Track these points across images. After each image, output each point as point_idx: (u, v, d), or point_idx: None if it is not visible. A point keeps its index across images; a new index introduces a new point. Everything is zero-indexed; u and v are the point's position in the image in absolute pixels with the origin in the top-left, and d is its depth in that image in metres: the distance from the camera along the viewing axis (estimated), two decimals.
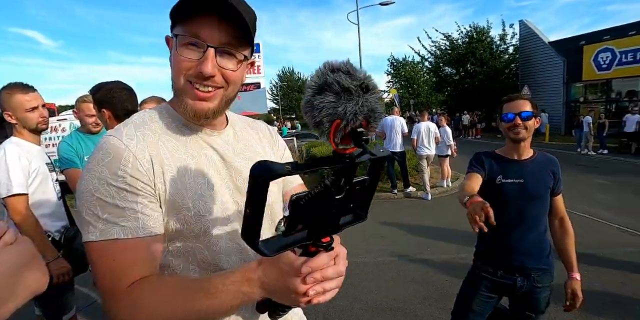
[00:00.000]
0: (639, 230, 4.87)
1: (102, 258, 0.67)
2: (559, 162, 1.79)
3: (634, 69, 15.30)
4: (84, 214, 0.68)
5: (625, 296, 3.19)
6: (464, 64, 22.90)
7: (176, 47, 0.71)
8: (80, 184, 0.69)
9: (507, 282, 1.69)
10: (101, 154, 0.68)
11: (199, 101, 0.73)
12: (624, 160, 10.99)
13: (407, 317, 2.99)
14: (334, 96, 0.46)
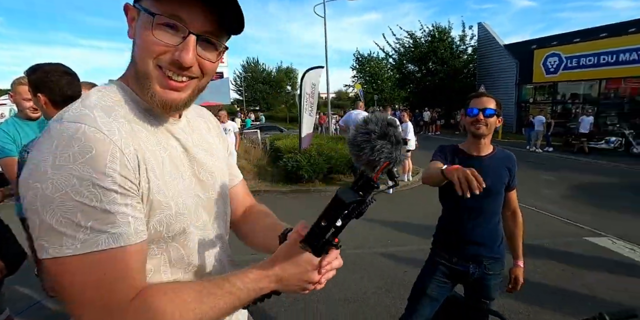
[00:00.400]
0: (578, 221, 5.30)
1: (86, 274, 0.56)
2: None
3: (578, 73, 16.55)
4: (54, 223, 0.54)
5: (562, 280, 3.46)
6: (426, 62, 23.61)
7: (149, 26, 0.62)
8: (44, 186, 0.54)
9: (460, 269, 1.79)
10: (78, 148, 0.55)
11: (170, 90, 0.66)
12: (566, 157, 11.92)
13: (361, 307, 3.05)
14: (391, 145, 0.62)
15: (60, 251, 0.55)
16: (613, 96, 16.23)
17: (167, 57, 0.63)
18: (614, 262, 3.91)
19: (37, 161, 0.56)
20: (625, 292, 3.26)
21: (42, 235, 0.55)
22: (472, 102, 1.76)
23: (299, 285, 0.68)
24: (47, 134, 0.59)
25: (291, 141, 8.99)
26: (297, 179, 7.64)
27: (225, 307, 0.63)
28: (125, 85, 0.69)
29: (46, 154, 0.56)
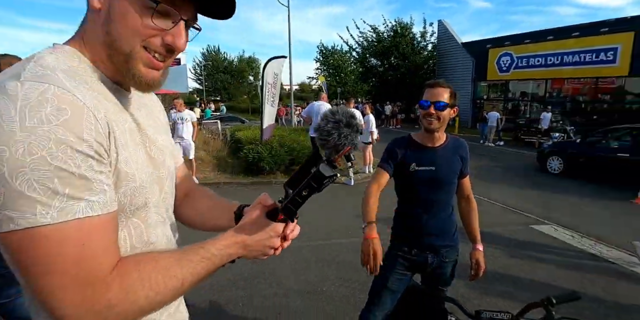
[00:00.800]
0: (525, 210, 5.65)
1: (64, 245, 0.51)
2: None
3: (527, 73, 17.62)
4: (25, 190, 0.49)
5: (510, 266, 3.67)
6: (388, 56, 24.00)
7: (149, 12, 0.61)
8: (13, 149, 0.49)
9: (420, 260, 1.81)
10: (50, 110, 0.51)
11: (152, 69, 0.66)
12: (516, 151, 12.70)
13: (320, 298, 3.04)
14: (354, 133, 0.73)
15: (34, 221, 0.50)
16: (557, 95, 17.50)
17: (156, 40, 0.64)
18: (556, 248, 4.21)
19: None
20: (567, 276, 3.51)
21: (9, 205, 0.49)
22: (425, 93, 1.73)
23: (262, 250, 0.73)
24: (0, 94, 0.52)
25: (252, 132, 8.78)
26: (258, 171, 7.48)
27: (202, 272, 0.66)
28: (79, 52, 0.65)
29: (7, 114, 0.50)
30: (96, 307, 0.54)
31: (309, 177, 0.66)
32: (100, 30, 0.63)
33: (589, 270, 3.62)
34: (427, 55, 24.09)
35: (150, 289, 0.59)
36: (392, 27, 23.75)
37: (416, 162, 1.74)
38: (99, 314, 0.54)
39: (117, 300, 0.56)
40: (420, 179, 1.74)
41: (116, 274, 0.57)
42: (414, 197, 1.79)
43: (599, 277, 3.48)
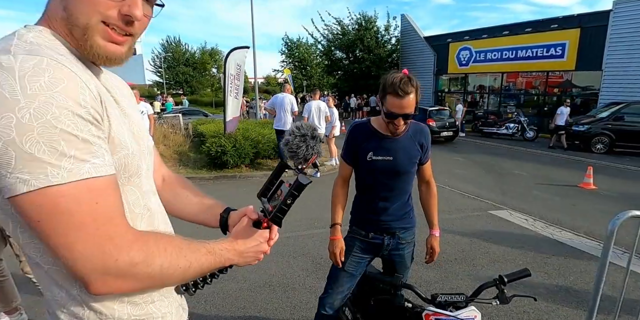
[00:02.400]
0: (483, 197, 5.90)
1: (79, 203, 0.54)
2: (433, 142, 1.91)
3: (484, 66, 18.35)
4: (35, 152, 0.51)
5: (470, 250, 3.82)
6: (353, 49, 24.08)
7: None
8: (20, 115, 0.51)
9: (377, 242, 1.82)
10: (49, 78, 0.53)
11: (112, 44, 0.66)
12: (474, 141, 13.25)
13: (285, 291, 3.01)
14: (318, 144, 0.84)
15: (46, 181, 0.52)
16: (512, 88, 18.40)
17: (113, 12, 0.64)
18: (511, 232, 4.42)
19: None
20: (523, 256, 3.70)
21: (21, 168, 0.51)
22: (392, 100, 1.55)
23: (254, 256, 0.81)
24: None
25: (216, 126, 8.51)
26: (222, 165, 7.27)
27: (205, 264, 0.70)
28: (49, 30, 0.65)
29: (7, 84, 0.52)
30: (118, 263, 0.56)
31: (291, 187, 0.75)
32: (59, 6, 0.64)
33: (542, 251, 3.83)
34: (391, 49, 24.41)
35: (165, 259, 0.62)
36: (357, 20, 23.83)
37: (373, 151, 1.71)
38: (120, 270, 0.57)
39: (138, 260, 0.58)
40: (377, 168, 1.72)
41: (136, 235, 0.60)
42: (372, 184, 1.78)
43: (551, 257, 3.69)
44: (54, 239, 0.55)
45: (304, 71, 31.29)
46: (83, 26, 0.64)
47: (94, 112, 0.58)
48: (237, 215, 0.88)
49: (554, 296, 2.96)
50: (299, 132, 0.82)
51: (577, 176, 7.09)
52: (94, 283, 0.57)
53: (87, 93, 0.57)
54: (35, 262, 0.64)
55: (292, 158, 0.83)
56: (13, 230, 0.62)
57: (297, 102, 7.64)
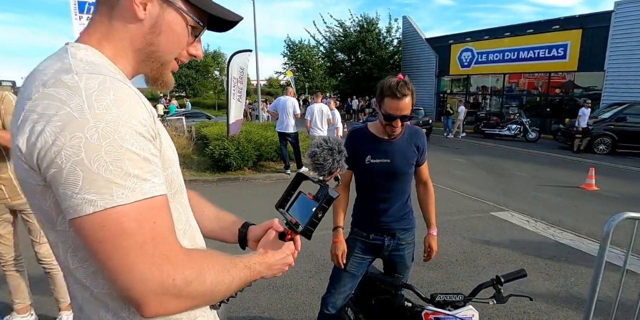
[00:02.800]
0: (485, 198, 5.92)
1: (140, 222, 0.54)
2: (428, 143, 1.95)
3: (486, 68, 18.38)
4: (103, 172, 0.52)
5: (472, 251, 3.85)
6: (355, 51, 24.16)
7: (193, 32, 0.73)
8: (89, 135, 0.51)
9: (377, 243, 1.87)
10: (114, 97, 0.54)
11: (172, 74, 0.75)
12: (476, 143, 13.27)
13: (288, 292, 3.05)
14: (343, 158, 0.85)
15: (111, 201, 0.52)
16: (514, 89, 18.40)
17: (184, 52, 0.74)
18: (512, 233, 4.45)
19: (66, 112, 0.52)
20: (524, 258, 3.73)
21: (88, 188, 0.52)
22: (390, 103, 1.63)
23: (281, 268, 0.82)
24: (58, 86, 0.54)
25: (219, 128, 8.58)
26: (225, 167, 7.33)
27: (243, 278, 0.70)
28: (96, 50, 0.66)
29: (75, 103, 0.52)
30: (176, 283, 0.56)
31: (322, 201, 0.77)
32: (140, 39, 0.68)
33: (544, 252, 3.86)
34: (392, 50, 24.47)
35: (214, 276, 0.62)
36: (359, 22, 23.91)
37: (371, 154, 1.76)
38: (177, 290, 0.57)
39: (192, 278, 0.58)
40: (375, 170, 1.78)
41: (187, 253, 0.61)
42: (371, 187, 1.83)
43: (552, 258, 3.72)
44: (114, 260, 0.54)
45: (306, 73, 31.39)
46: (163, 61, 0.72)
47: (151, 130, 0.59)
48: (260, 228, 0.88)
49: (554, 297, 2.99)
50: (326, 145, 0.83)
51: (579, 177, 7.10)
52: (150, 304, 0.55)
53: (145, 111, 0.58)
54: (84, 285, 0.63)
55: (317, 170, 0.84)
56: (63, 253, 0.62)
57: (299, 105, 7.70)
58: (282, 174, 7.38)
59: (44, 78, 0.56)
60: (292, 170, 7.40)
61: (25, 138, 0.54)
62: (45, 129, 0.52)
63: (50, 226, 0.61)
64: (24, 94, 0.58)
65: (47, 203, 0.58)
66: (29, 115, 0.54)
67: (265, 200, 5.70)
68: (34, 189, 0.58)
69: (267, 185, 6.87)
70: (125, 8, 0.65)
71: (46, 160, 0.52)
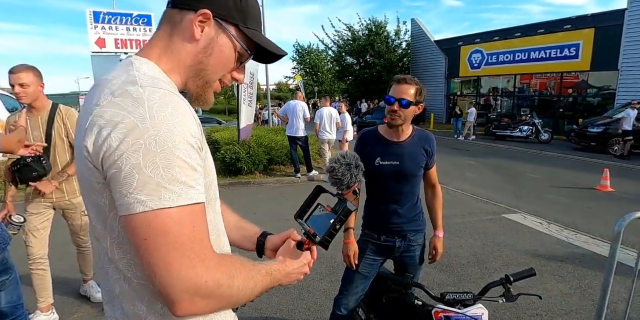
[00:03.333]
0: (496, 201, 5.88)
1: (182, 225, 0.59)
2: (439, 145, 1.98)
3: (497, 69, 18.22)
4: (155, 176, 0.57)
5: (483, 253, 3.84)
6: (363, 55, 24.24)
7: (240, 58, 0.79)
8: (148, 142, 0.57)
9: (389, 245, 1.90)
10: (171, 109, 0.61)
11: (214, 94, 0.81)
12: (487, 144, 13.14)
13: (300, 293, 3.09)
14: (360, 173, 0.90)
15: (159, 203, 0.57)
16: (525, 90, 18.19)
17: (228, 75, 0.80)
18: (524, 235, 4.41)
19: (130, 121, 0.58)
20: (536, 260, 3.70)
21: (141, 189, 0.57)
22: (392, 89, 1.76)
23: (297, 277, 0.84)
24: (125, 96, 0.61)
25: (230, 133, 8.70)
26: (236, 172, 7.44)
27: (264, 284, 0.73)
28: (155, 64, 0.73)
29: (138, 113, 0.59)
30: (208, 284, 0.60)
31: (340, 213, 0.81)
32: (193, 57, 0.74)
33: (557, 254, 3.82)
34: (401, 53, 24.47)
35: (241, 280, 0.66)
36: (367, 26, 23.99)
37: (381, 156, 1.80)
38: (208, 291, 0.60)
39: (222, 281, 0.62)
40: (385, 172, 1.81)
41: (218, 257, 0.65)
42: (381, 189, 1.87)
43: (565, 260, 3.68)
44: (154, 258, 0.58)
45: (315, 77, 31.54)
46: (208, 80, 0.78)
47: (199, 142, 0.65)
48: (278, 238, 0.92)
49: (568, 299, 2.96)
50: (344, 160, 0.89)
51: (594, 178, 6.99)
52: (182, 303, 0.59)
53: (195, 124, 0.64)
54: (125, 276, 0.68)
55: (336, 184, 0.89)
56: (110, 244, 0.68)
57: (309, 109, 7.77)
58: (292, 177, 7.44)
59: (113, 88, 0.63)
60: (302, 174, 7.45)
61: (93, 140, 0.60)
62: (111, 134, 0.58)
63: (102, 220, 0.67)
64: (92, 99, 0.65)
65: (102, 199, 0.65)
66: (97, 120, 0.60)
67: (275, 203, 5.77)
68: (93, 186, 0.65)
69: (278, 189, 6.94)
70: (186, 28, 0.72)
71: (109, 162, 0.59)
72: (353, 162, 0.89)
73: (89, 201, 0.69)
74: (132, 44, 9.44)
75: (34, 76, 2.29)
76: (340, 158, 0.91)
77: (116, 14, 9.15)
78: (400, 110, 1.72)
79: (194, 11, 0.72)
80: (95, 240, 0.72)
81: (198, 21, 0.72)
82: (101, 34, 8.92)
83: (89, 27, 8.91)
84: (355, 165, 0.89)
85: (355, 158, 0.91)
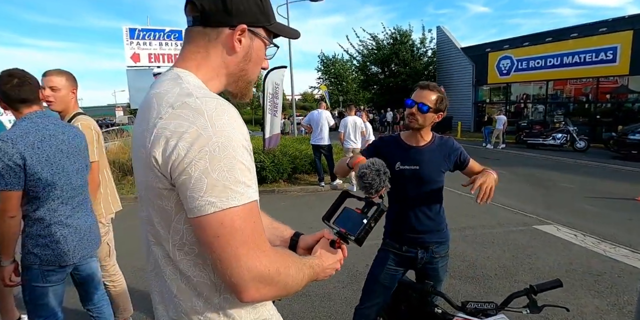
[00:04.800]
0: (527, 211, 5.65)
1: (246, 221, 0.66)
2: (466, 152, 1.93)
3: (528, 75, 17.65)
4: (221, 179, 0.64)
5: (512, 265, 3.68)
6: (388, 63, 24.19)
7: (269, 54, 0.87)
8: (212, 148, 0.63)
9: (410, 255, 1.87)
10: (227, 117, 0.67)
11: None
12: (517, 153, 12.67)
13: (322, 301, 3.09)
14: (387, 179, 0.99)
15: (227, 203, 0.64)
16: (559, 96, 17.48)
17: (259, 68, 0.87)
18: (558, 247, 4.20)
19: (194, 130, 0.64)
20: (570, 274, 3.51)
21: (210, 192, 0.63)
22: (414, 93, 1.80)
23: (330, 273, 0.90)
24: (184, 108, 0.66)
25: (255, 142, 8.88)
26: (261, 180, 7.56)
27: (308, 277, 0.79)
28: (194, 74, 0.78)
29: (200, 123, 0.64)
30: (270, 273, 0.67)
31: (375, 212, 0.89)
32: (234, 66, 0.81)
33: (593, 268, 3.62)
34: (427, 61, 24.24)
35: (293, 270, 0.73)
36: (392, 35, 24.00)
37: (401, 160, 1.81)
38: (270, 278, 0.67)
39: (282, 270, 0.69)
40: (405, 177, 1.81)
41: (273, 249, 0.71)
42: (401, 194, 1.86)
43: (603, 275, 3.47)
44: (226, 252, 0.64)
45: (339, 87, 31.77)
46: (251, 80, 0.86)
47: (250, 145, 0.71)
48: (311, 238, 0.99)
49: (604, 316, 2.79)
50: (374, 166, 0.96)
51: (635, 189, 6.59)
52: (250, 290, 0.66)
53: (245, 128, 0.71)
54: (185, 275, 0.74)
55: (365, 189, 0.97)
56: (172, 246, 0.73)
57: (333, 117, 7.83)
58: (316, 186, 7.48)
59: (170, 100, 0.68)
60: (325, 183, 7.48)
61: (161, 150, 0.65)
62: (179, 144, 0.64)
63: (166, 224, 0.73)
64: (151, 113, 0.69)
65: (170, 204, 0.70)
66: (163, 131, 0.66)
67: (299, 211, 5.81)
68: (160, 192, 0.70)
69: (302, 197, 6.99)
70: (225, 43, 0.78)
71: (179, 169, 0.64)
72: (382, 168, 0.97)
73: (155, 207, 0.73)
74: (164, 58, 9.92)
75: (67, 80, 2.17)
76: (370, 165, 0.97)
77: (150, 30, 9.67)
78: (418, 114, 1.73)
79: (228, 27, 0.77)
80: (154, 245, 0.77)
81: (237, 35, 0.78)
82: (136, 49, 9.45)
83: (125, 43, 9.46)
84: (383, 172, 0.97)
85: (383, 165, 0.98)
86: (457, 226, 4.90)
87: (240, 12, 0.77)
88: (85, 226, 1.82)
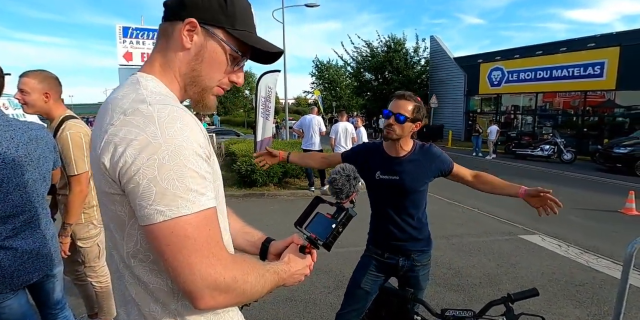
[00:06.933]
0: (513, 221, 5.72)
1: (199, 229, 0.65)
2: (457, 163, 1.93)
3: (518, 87, 17.97)
4: (170, 187, 0.62)
5: (497, 274, 3.72)
6: (382, 71, 24.41)
7: (235, 61, 0.81)
8: (161, 156, 0.62)
9: (391, 262, 1.87)
10: (180, 125, 0.66)
11: (214, 97, 0.84)
12: (506, 163, 12.85)
13: (307, 306, 3.07)
14: (358, 184, 0.97)
15: (178, 212, 0.63)
16: (548, 109, 17.81)
17: (226, 79, 0.82)
18: (542, 257, 4.26)
19: (143, 137, 0.63)
20: (553, 284, 3.55)
21: (159, 201, 0.62)
22: (391, 103, 1.77)
23: (299, 278, 0.90)
24: (136, 115, 0.65)
25: (246, 145, 8.88)
26: (251, 183, 7.53)
27: (273, 283, 0.79)
28: (158, 79, 0.77)
29: (150, 130, 0.63)
30: (226, 280, 0.66)
31: (343, 218, 0.89)
32: (186, 65, 0.78)
33: (576, 278, 3.67)
34: (420, 70, 24.52)
35: (253, 277, 0.72)
36: (386, 43, 24.25)
37: (380, 170, 1.81)
38: (226, 286, 0.66)
39: (238, 277, 0.68)
40: (385, 187, 1.81)
41: (231, 256, 0.71)
42: (382, 203, 1.86)
43: (584, 285, 3.52)
44: (178, 261, 0.63)
45: (333, 92, 31.94)
46: (204, 86, 0.80)
47: (207, 151, 0.69)
48: (282, 243, 0.98)
49: None
50: (344, 172, 0.96)
51: (618, 201, 6.71)
52: (204, 298, 0.65)
53: (202, 135, 0.69)
54: (142, 281, 0.73)
55: (336, 194, 0.97)
56: (126, 254, 0.73)
57: (325, 123, 7.87)
58: (306, 191, 7.47)
59: (124, 107, 0.68)
60: (316, 188, 7.48)
61: (109, 157, 0.65)
62: (126, 151, 0.63)
63: (121, 229, 0.72)
64: (105, 119, 0.69)
65: (123, 209, 0.69)
66: (112, 138, 0.65)
67: (288, 216, 5.78)
68: (113, 197, 0.69)
69: (291, 201, 6.97)
70: (177, 38, 0.76)
71: (126, 177, 0.63)
72: (352, 173, 0.96)
73: (109, 211, 0.73)
74: None
75: (40, 83, 1.98)
76: (340, 170, 0.97)
77: (143, 30, 9.61)
78: (396, 125, 1.72)
79: (181, 21, 0.75)
80: (112, 249, 0.77)
81: (186, 30, 0.75)
82: (129, 48, 9.37)
83: (118, 42, 9.38)
84: (353, 177, 0.96)
85: (354, 170, 0.97)
86: (444, 234, 4.93)
87: (194, 6, 0.75)
88: (33, 247, 1.56)
